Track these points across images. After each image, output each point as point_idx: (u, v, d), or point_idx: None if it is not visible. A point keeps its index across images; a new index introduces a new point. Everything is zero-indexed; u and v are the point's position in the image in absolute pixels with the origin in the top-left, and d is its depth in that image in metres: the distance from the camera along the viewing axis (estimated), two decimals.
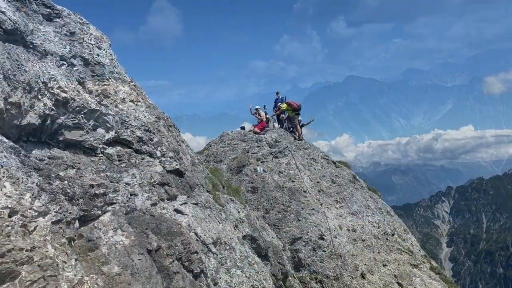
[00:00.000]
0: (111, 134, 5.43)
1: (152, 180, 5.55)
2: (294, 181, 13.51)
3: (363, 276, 10.87)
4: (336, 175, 15.07)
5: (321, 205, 12.70)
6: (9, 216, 3.26)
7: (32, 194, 3.59)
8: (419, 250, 13.85)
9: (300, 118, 18.66)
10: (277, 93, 20.52)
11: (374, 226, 13.11)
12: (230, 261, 6.18)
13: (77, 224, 4.07)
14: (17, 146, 4.07)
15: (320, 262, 10.93)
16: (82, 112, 5.09)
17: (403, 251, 12.86)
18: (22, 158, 3.92)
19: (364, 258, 11.51)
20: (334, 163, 16.62)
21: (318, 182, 14.08)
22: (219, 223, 6.64)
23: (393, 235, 13.39)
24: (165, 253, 4.64)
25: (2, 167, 3.47)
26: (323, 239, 11.39)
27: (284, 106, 18.95)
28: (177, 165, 6.31)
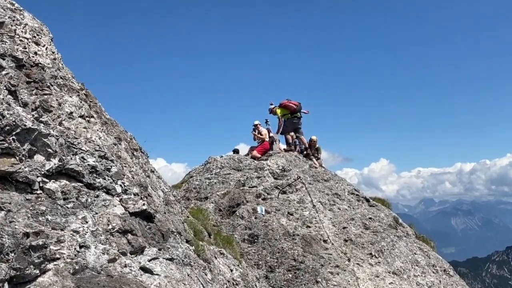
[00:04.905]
0: (54, 162, 5.55)
1: (110, 227, 5.64)
2: (310, 227, 13.56)
3: None
4: (370, 218, 15.12)
5: (349, 260, 12.72)
6: None
7: None
8: None
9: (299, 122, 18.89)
10: (272, 104, 20.26)
11: None
12: None
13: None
14: None
15: None
16: (14, 133, 5.22)
17: None
18: None
19: None
20: (368, 200, 16.68)
21: (344, 228, 14.12)
22: (203, 287, 6.70)
23: None
24: None
25: None
26: None
27: (278, 111, 19.13)
28: (144, 204, 6.41)
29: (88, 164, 5.96)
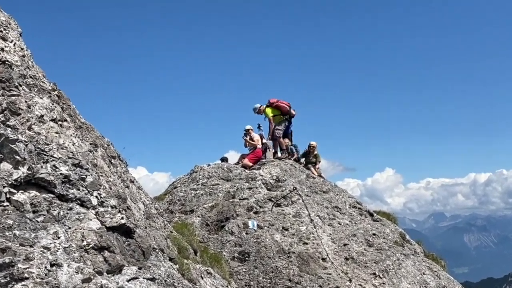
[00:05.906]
0: (22, 171, 5.54)
1: (85, 243, 5.62)
2: (307, 243, 13.55)
3: None
4: (374, 234, 15.14)
5: (350, 281, 12.73)
6: None
7: None
8: None
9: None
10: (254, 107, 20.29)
11: None
12: None
13: None
14: None
15: None
16: None
17: None
18: None
19: None
20: (371, 214, 16.70)
21: (345, 245, 14.13)
22: None
23: None
24: None
25: None
26: None
27: (268, 111, 19.06)
28: (122, 218, 6.40)
29: (61, 173, 5.94)
